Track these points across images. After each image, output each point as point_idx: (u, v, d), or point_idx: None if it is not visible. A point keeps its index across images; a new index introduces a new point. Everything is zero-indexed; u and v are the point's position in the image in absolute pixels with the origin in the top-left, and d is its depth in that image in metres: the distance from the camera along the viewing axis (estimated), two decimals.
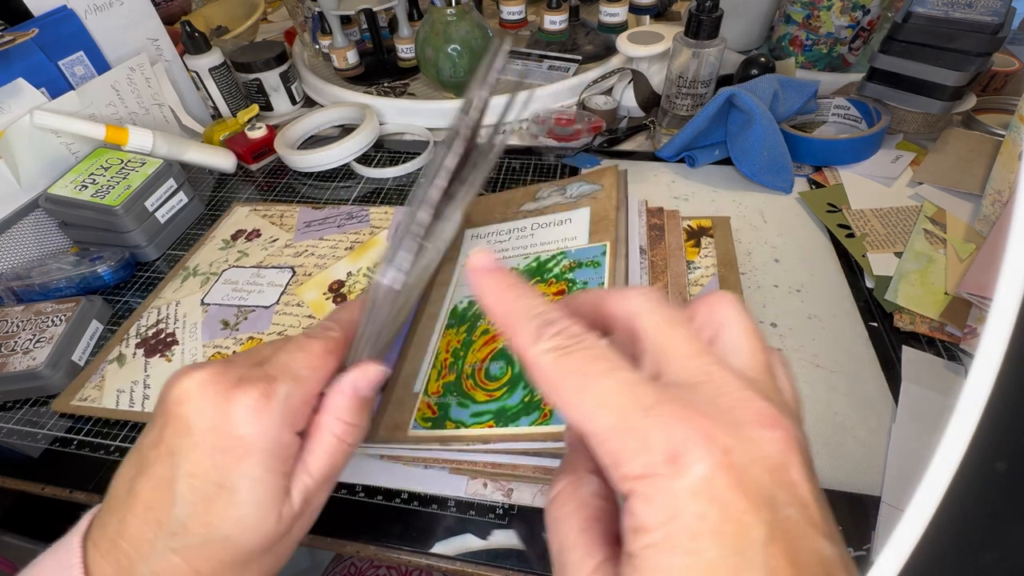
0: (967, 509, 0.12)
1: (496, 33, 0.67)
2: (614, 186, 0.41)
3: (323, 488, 0.24)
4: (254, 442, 0.21)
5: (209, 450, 0.21)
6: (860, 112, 0.57)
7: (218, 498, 0.21)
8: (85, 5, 0.54)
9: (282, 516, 0.22)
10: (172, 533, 0.21)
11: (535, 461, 0.31)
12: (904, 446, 0.33)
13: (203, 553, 0.21)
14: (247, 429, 0.21)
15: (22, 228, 0.50)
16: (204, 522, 0.21)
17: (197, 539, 0.21)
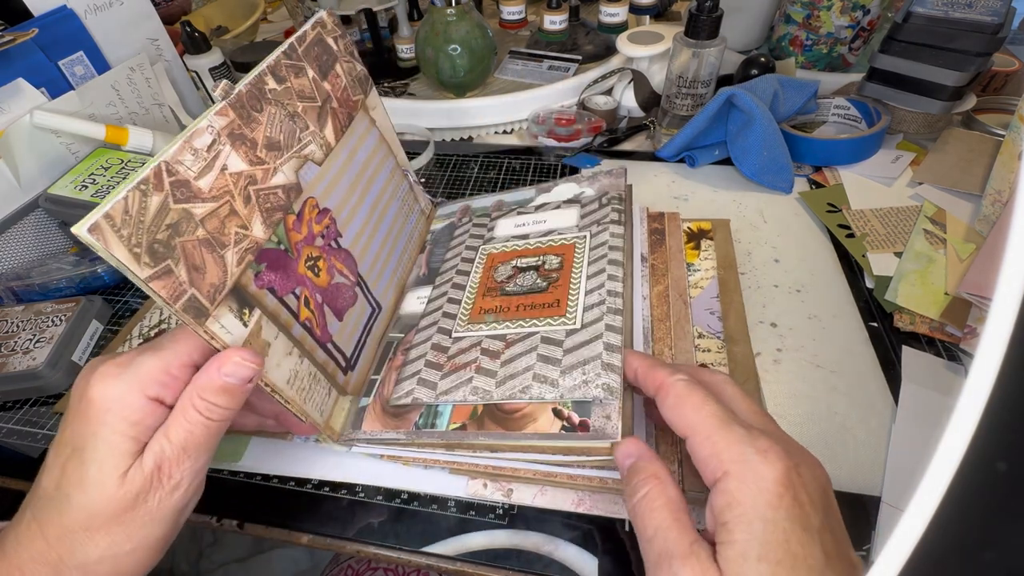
0: (967, 509, 0.12)
1: (496, 33, 0.67)
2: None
3: (183, 458, 0.24)
4: (101, 404, 0.23)
5: (72, 418, 0.24)
6: (860, 112, 0.57)
7: (70, 459, 0.23)
8: (85, 5, 0.54)
9: (128, 477, 0.23)
10: (36, 499, 0.23)
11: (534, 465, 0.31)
12: (904, 446, 0.33)
13: (52, 516, 0.23)
14: (96, 392, 0.23)
15: (22, 228, 0.50)
16: (56, 483, 0.23)
17: (50, 502, 0.23)
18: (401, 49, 0.70)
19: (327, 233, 0.34)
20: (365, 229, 0.38)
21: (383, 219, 0.41)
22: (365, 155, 0.40)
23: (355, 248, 0.37)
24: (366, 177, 0.39)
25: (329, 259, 0.34)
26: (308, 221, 0.33)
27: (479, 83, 0.65)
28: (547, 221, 0.43)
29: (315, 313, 0.32)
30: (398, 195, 0.44)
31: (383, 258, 0.40)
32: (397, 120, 0.64)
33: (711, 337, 0.39)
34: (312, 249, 0.33)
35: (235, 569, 0.88)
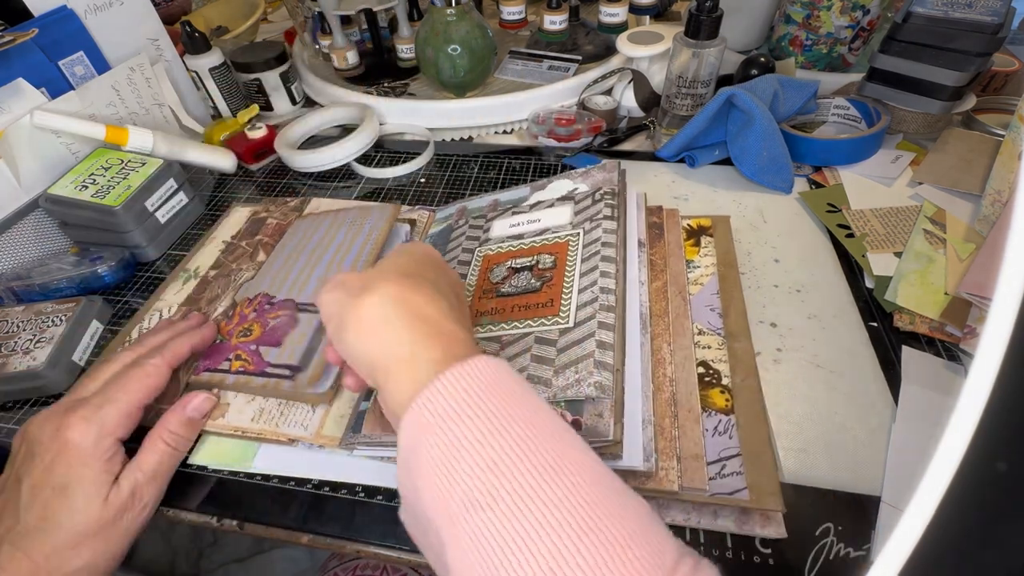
0: (967, 509, 0.12)
1: (496, 33, 0.67)
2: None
3: (152, 482, 0.32)
4: (80, 449, 0.30)
5: (48, 462, 0.29)
6: (860, 112, 0.57)
7: (54, 496, 0.29)
8: (85, 5, 0.54)
9: (108, 501, 0.29)
10: (15, 534, 0.28)
11: None
12: (904, 446, 0.33)
13: (38, 544, 0.28)
14: (74, 439, 0.30)
15: (22, 228, 0.50)
16: (42, 517, 0.28)
17: (37, 532, 0.28)
18: (401, 49, 0.70)
19: (259, 308, 0.42)
20: (304, 272, 0.44)
21: (325, 251, 0.46)
22: (296, 238, 0.48)
23: (293, 290, 0.43)
24: (301, 244, 0.47)
25: (262, 319, 0.41)
26: (237, 314, 0.42)
27: (479, 83, 0.65)
28: (541, 220, 0.43)
29: (248, 358, 0.38)
30: (342, 226, 0.48)
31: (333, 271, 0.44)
32: (397, 120, 0.64)
33: (711, 334, 0.39)
34: (244, 324, 0.40)
35: (235, 569, 0.88)
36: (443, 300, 0.28)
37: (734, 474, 0.31)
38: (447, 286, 0.30)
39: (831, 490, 0.32)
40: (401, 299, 0.26)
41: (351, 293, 0.27)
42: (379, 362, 0.25)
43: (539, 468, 0.20)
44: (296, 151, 0.60)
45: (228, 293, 0.45)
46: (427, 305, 0.27)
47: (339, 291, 0.28)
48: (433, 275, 0.30)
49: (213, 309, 0.43)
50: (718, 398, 0.35)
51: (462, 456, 0.21)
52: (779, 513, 0.30)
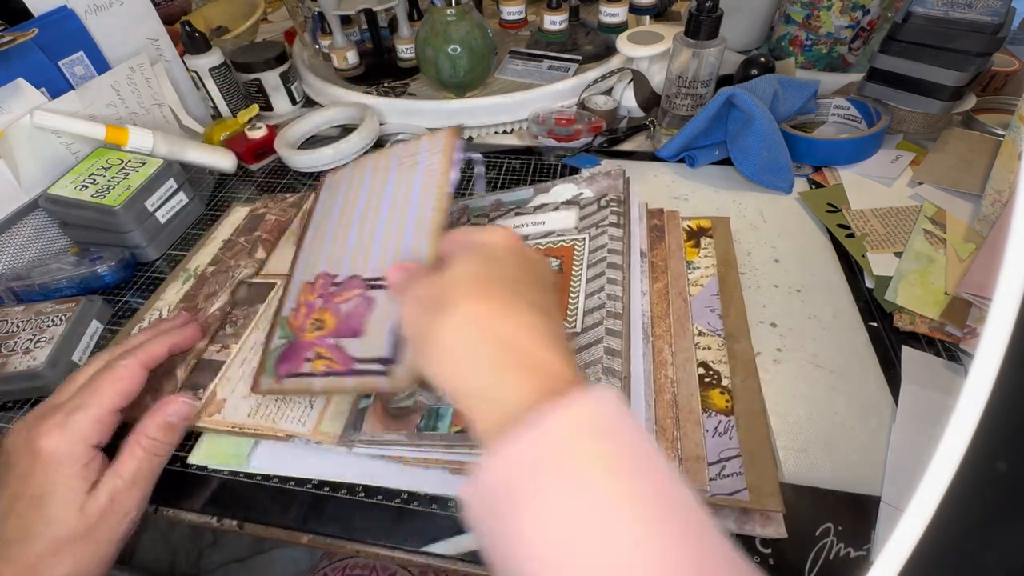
0: (967, 509, 0.12)
1: (496, 34, 0.67)
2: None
3: (132, 488, 0.30)
4: (54, 457, 0.29)
5: (22, 471, 0.29)
6: (860, 112, 0.57)
7: (30, 507, 0.28)
8: (85, 5, 0.54)
9: (85, 509, 0.29)
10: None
11: None
12: (904, 446, 0.33)
13: (19, 553, 0.27)
14: (47, 448, 0.29)
15: (22, 228, 0.50)
16: (19, 527, 0.28)
17: (16, 543, 0.27)
18: (401, 49, 0.70)
19: (323, 291, 0.36)
20: (362, 239, 0.37)
21: (379, 209, 0.37)
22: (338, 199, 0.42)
23: (356, 263, 0.36)
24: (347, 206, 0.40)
25: (331, 304, 0.35)
26: (303, 303, 0.36)
27: (479, 83, 0.65)
28: (546, 222, 0.43)
29: (331, 355, 0.33)
30: (389, 171, 0.39)
31: (395, 235, 0.35)
32: (397, 120, 0.64)
33: (711, 335, 0.39)
34: (314, 315, 0.35)
35: (235, 569, 0.88)
36: (535, 316, 0.24)
37: (734, 475, 0.31)
38: (538, 289, 0.26)
39: (831, 490, 0.32)
40: (484, 322, 0.23)
41: (427, 309, 0.24)
42: (460, 392, 0.23)
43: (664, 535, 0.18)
44: (296, 151, 0.60)
45: (226, 289, 0.44)
46: (515, 328, 0.23)
47: (415, 307, 0.25)
48: (522, 276, 0.26)
49: (210, 305, 0.43)
50: (718, 399, 0.35)
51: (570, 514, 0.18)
52: (779, 513, 0.30)
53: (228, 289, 0.44)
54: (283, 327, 0.36)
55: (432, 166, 0.35)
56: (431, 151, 0.36)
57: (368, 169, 0.40)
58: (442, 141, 0.36)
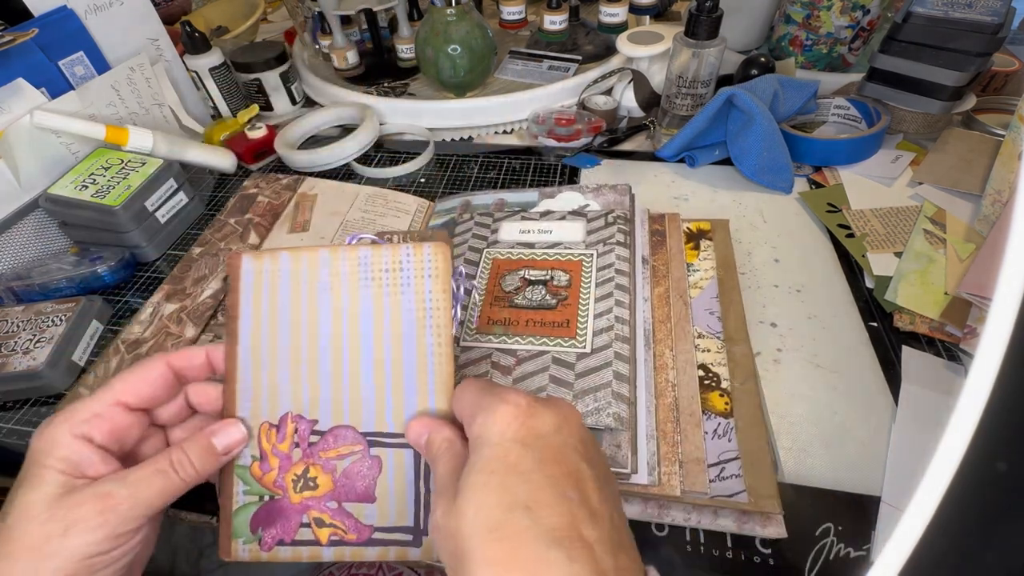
0: (967, 509, 0.12)
1: (496, 34, 0.66)
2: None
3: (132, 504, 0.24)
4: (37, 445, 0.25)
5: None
6: (860, 112, 0.57)
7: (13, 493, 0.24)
8: (85, 5, 0.54)
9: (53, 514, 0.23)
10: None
11: None
12: (904, 446, 0.33)
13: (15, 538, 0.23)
14: (35, 438, 0.25)
15: (22, 228, 0.50)
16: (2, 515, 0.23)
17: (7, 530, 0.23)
18: (401, 49, 0.70)
19: (299, 439, 0.28)
20: (340, 382, 0.28)
21: (356, 336, 0.29)
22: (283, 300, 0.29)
23: (341, 412, 0.28)
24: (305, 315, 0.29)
25: (317, 459, 0.28)
26: (270, 452, 0.28)
27: (479, 83, 0.65)
28: (553, 232, 0.43)
29: (338, 522, 0.27)
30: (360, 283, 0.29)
31: (389, 380, 0.28)
32: (397, 120, 0.64)
33: (711, 337, 0.39)
34: (294, 468, 0.28)
35: (235, 569, 0.88)
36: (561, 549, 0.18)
37: (733, 476, 0.31)
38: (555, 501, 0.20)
39: (831, 490, 0.32)
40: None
41: (449, 565, 0.20)
42: None
43: None
44: (296, 151, 0.60)
45: (217, 274, 0.43)
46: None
47: (441, 548, 0.21)
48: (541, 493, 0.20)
49: (200, 290, 0.42)
50: (717, 401, 0.35)
51: None
52: (779, 513, 0.30)
53: (220, 275, 0.43)
54: (247, 480, 0.28)
55: (423, 290, 0.28)
56: (418, 270, 0.28)
57: (323, 273, 0.29)
58: (431, 258, 0.28)
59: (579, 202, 0.46)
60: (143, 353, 0.40)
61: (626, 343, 0.35)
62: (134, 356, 0.41)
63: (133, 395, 0.27)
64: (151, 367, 0.27)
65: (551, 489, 0.20)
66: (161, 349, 0.40)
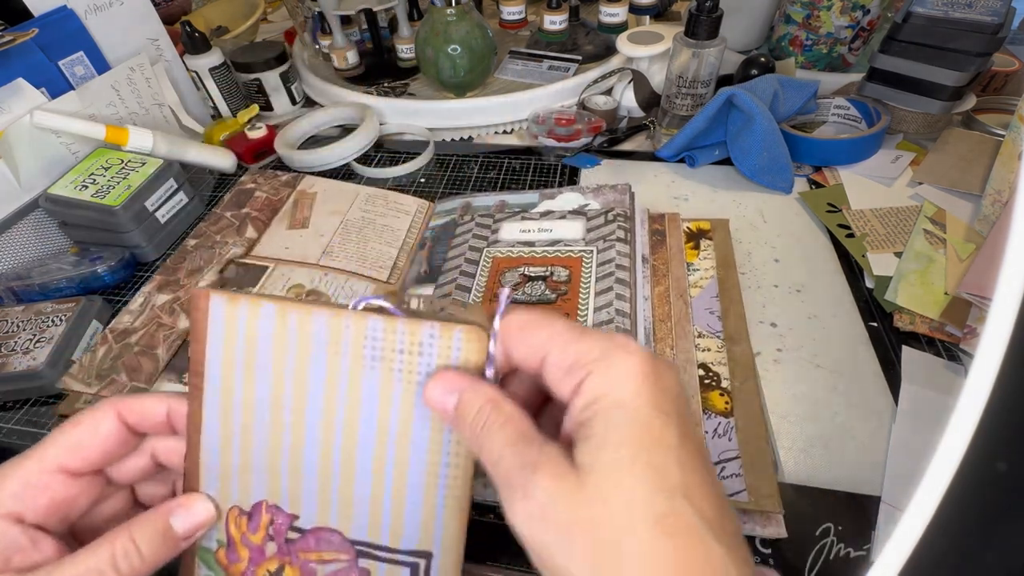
0: (967, 509, 0.12)
1: (496, 34, 0.66)
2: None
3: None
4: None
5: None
6: (860, 112, 0.57)
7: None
8: (85, 5, 0.54)
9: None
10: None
11: None
12: (904, 446, 0.33)
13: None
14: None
15: (22, 228, 0.50)
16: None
17: None
18: (401, 49, 0.70)
19: (275, 532, 0.24)
20: (329, 478, 0.23)
21: (355, 438, 0.23)
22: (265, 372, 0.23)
23: (327, 511, 0.24)
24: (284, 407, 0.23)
25: (296, 559, 0.24)
26: (239, 541, 0.24)
27: (479, 83, 0.65)
28: (553, 230, 0.43)
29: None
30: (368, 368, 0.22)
31: (390, 489, 0.23)
32: (397, 120, 0.64)
33: (711, 336, 0.39)
34: (266, 564, 0.24)
35: None
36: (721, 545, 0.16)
37: (733, 476, 0.31)
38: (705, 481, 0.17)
39: (831, 490, 0.32)
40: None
41: (578, 559, 0.16)
42: None
43: None
44: (296, 151, 0.60)
45: (212, 266, 0.43)
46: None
47: (559, 550, 0.17)
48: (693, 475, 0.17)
49: (193, 282, 0.42)
50: (717, 400, 0.35)
51: None
52: (779, 514, 0.30)
53: (216, 267, 0.42)
54: (211, 566, 0.24)
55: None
56: (442, 359, 0.21)
57: (318, 341, 0.22)
58: (462, 347, 0.21)
59: (579, 202, 0.46)
60: (132, 343, 0.40)
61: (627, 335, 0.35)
62: (122, 346, 0.40)
63: (78, 458, 0.22)
64: (97, 420, 0.22)
65: (700, 472, 0.17)
66: (152, 340, 0.39)
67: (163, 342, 0.38)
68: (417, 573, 0.23)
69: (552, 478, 0.17)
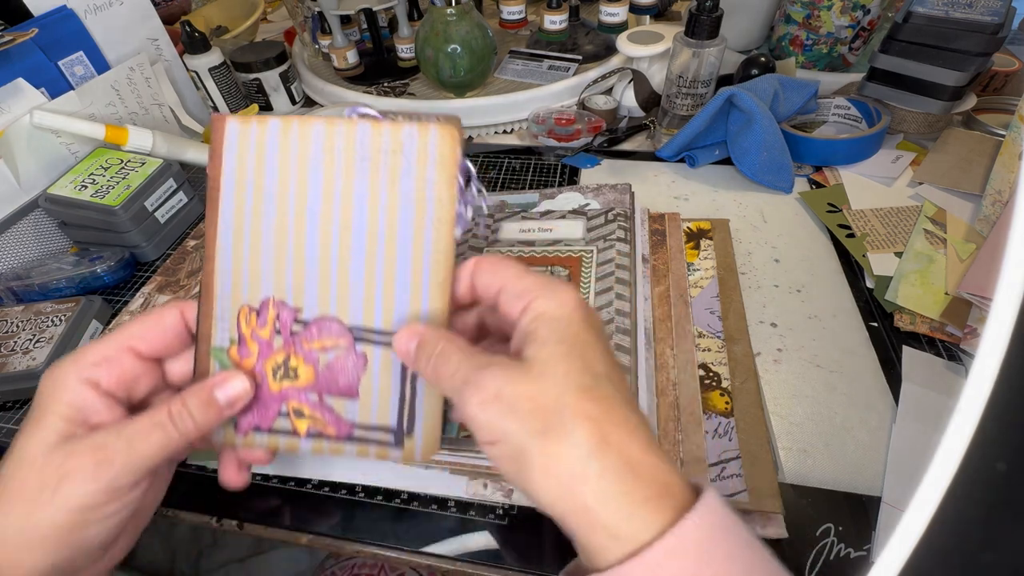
0: (967, 509, 0.12)
1: (496, 34, 0.66)
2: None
3: (129, 456, 0.23)
4: (42, 390, 0.24)
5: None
6: (860, 112, 0.57)
7: (13, 440, 0.24)
8: (85, 5, 0.54)
9: (49, 460, 0.22)
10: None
11: None
12: (904, 446, 0.33)
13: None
14: (42, 381, 0.25)
15: (22, 228, 0.50)
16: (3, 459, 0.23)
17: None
18: (401, 49, 0.70)
19: (281, 326, 0.27)
20: (327, 267, 0.27)
21: (349, 220, 0.26)
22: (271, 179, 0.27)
23: (327, 300, 0.27)
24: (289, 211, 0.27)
25: (300, 349, 0.27)
26: (250, 337, 0.27)
27: (479, 83, 0.65)
28: (553, 230, 0.43)
29: (318, 415, 0.27)
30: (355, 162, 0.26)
31: (381, 270, 0.26)
32: None
33: (711, 337, 0.39)
34: (274, 356, 0.27)
35: (235, 569, 0.88)
36: (638, 417, 0.21)
37: (734, 476, 0.31)
38: (617, 372, 0.22)
39: (831, 490, 0.32)
40: (603, 442, 0.20)
41: (527, 425, 0.20)
42: (573, 520, 0.20)
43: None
44: None
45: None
46: (633, 443, 0.20)
47: (510, 420, 0.20)
48: (609, 364, 0.22)
49: (193, 283, 0.42)
50: (718, 401, 0.35)
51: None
52: (779, 514, 0.30)
53: None
54: (224, 363, 0.27)
55: (424, 179, 0.26)
56: (421, 155, 0.26)
57: (316, 148, 0.26)
58: (436, 143, 0.26)
59: (579, 202, 0.46)
60: None
61: (627, 335, 0.35)
62: None
63: (144, 342, 0.26)
64: (165, 315, 0.26)
65: (613, 362, 0.22)
66: None
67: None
68: None
69: (502, 368, 0.21)
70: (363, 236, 0.26)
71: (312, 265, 0.27)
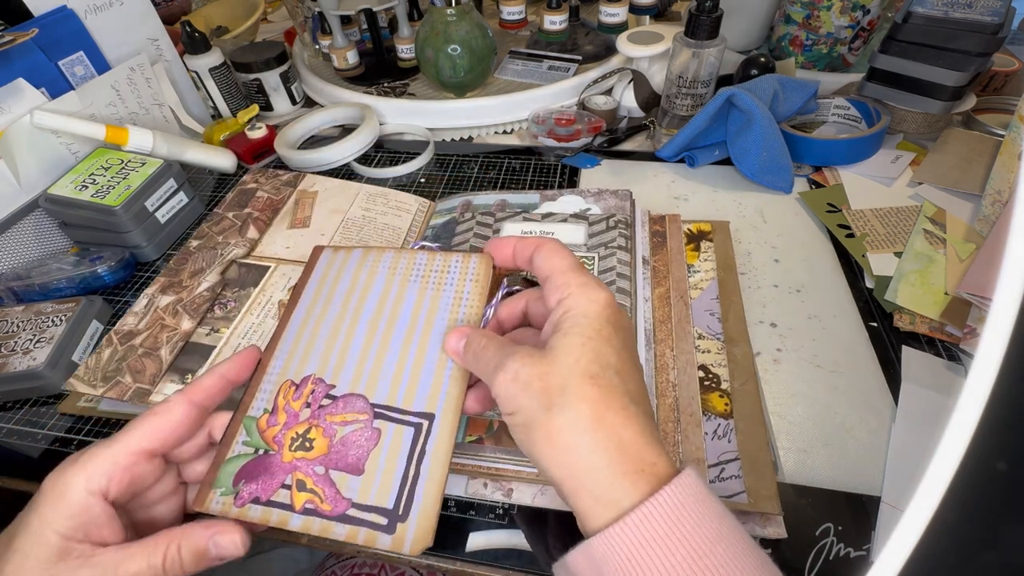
0: (967, 509, 0.12)
1: (496, 34, 0.66)
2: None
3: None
4: (44, 494, 0.24)
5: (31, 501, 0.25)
6: (860, 112, 0.57)
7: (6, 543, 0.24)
8: (85, 5, 0.54)
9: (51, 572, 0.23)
10: None
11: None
12: (904, 446, 0.33)
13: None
14: (47, 481, 0.24)
15: (22, 228, 0.50)
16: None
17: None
18: (401, 49, 0.70)
19: (312, 399, 0.30)
20: (369, 350, 0.31)
21: (395, 322, 0.32)
22: (337, 290, 0.34)
23: (359, 382, 0.30)
24: (352, 303, 0.33)
25: (323, 422, 0.29)
26: (282, 408, 0.30)
27: (479, 83, 0.65)
28: (555, 234, 0.43)
29: (318, 489, 0.27)
30: (408, 280, 0.34)
31: (411, 364, 0.30)
32: (397, 120, 0.64)
33: (711, 338, 0.39)
34: (297, 427, 0.29)
35: (235, 569, 0.88)
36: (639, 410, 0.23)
37: (733, 477, 0.31)
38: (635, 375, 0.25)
39: (831, 490, 0.32)
40: (598, 421, 0.22)
41: (536, 401, 0.23)
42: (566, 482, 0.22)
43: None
44: (296, 151, 0.60)
45: (214, 268, 0.43)
46: (627, 426, 0.22)
47: (524, 396, 0.23)
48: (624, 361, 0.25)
49: (196, 283, 0.42)
50: (717, 402, 0.35)
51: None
52: (779, 515, 0.30)
53: (217, 268, 0.43)
54: (251, 431, 0.29)
55: (462, 291, 0.32)
56: (462, 274, 0.33)
57: (383, 266, 0.34)
58: (476, 266, 0.33)
59: (580, 206, 0.46)
60: (136, 345, 0.40)
61: None
62: (127, 348, 0.40)
63: (158, 441, 0.26)
64: (174, 408, 0.27)
65: (632, 365, 0.25)
66: (155, 341, 0.40)
67: (166, 343, 0.38)
68: (420, 432, 0.28)
69: (524, 354, 0.24)
70: (403, 330, 0.31)
71: (355, 351, 0.31)
